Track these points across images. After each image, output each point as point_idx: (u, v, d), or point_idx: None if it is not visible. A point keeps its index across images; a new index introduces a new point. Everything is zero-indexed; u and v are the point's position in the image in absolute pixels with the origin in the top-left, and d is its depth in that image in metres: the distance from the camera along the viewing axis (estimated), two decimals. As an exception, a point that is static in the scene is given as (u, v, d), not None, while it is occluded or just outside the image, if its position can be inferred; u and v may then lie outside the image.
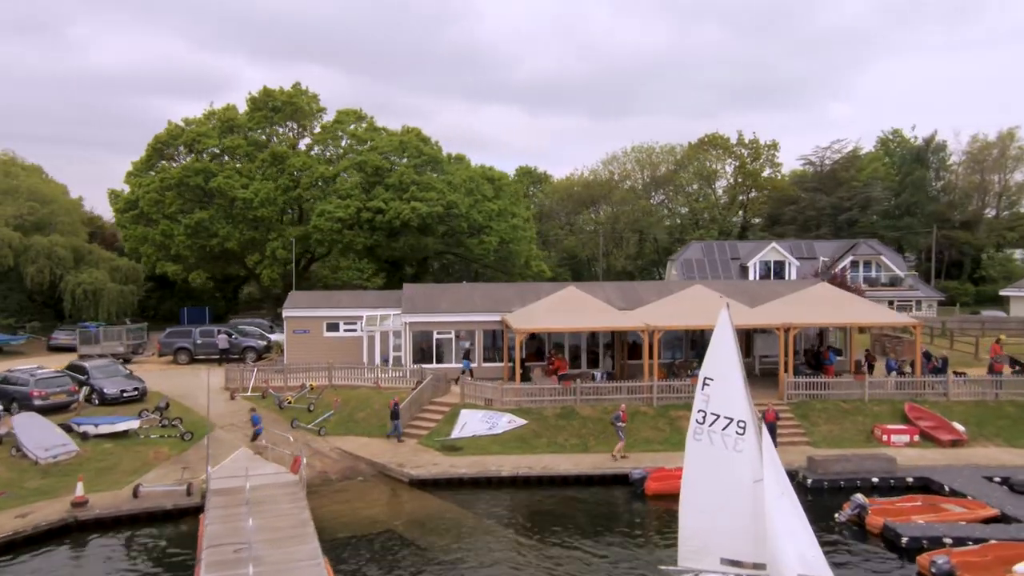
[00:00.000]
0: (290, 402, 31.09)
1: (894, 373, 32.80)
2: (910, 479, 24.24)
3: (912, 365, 32.79)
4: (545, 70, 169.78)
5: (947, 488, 23.08)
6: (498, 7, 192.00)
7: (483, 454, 26.54)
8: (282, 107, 49.21)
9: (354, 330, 36.42)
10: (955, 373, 32.16)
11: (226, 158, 48.55)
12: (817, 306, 31.82)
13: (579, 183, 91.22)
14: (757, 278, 65.03)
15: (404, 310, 34.82)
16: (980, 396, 30.68)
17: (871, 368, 33.85)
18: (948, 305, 68.82)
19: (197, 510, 20.78)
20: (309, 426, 28.99)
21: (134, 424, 26.36)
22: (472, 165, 56.84)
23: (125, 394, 30.11)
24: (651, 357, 30.57)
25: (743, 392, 13.96)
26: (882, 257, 65.64)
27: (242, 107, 51.55)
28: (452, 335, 34.99)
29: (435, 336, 34.90)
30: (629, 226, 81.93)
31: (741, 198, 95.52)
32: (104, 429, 25.70)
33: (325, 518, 20.94)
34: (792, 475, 24.26)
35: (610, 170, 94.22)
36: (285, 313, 37.04)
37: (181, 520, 21.19)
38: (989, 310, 65.15)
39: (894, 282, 65.36)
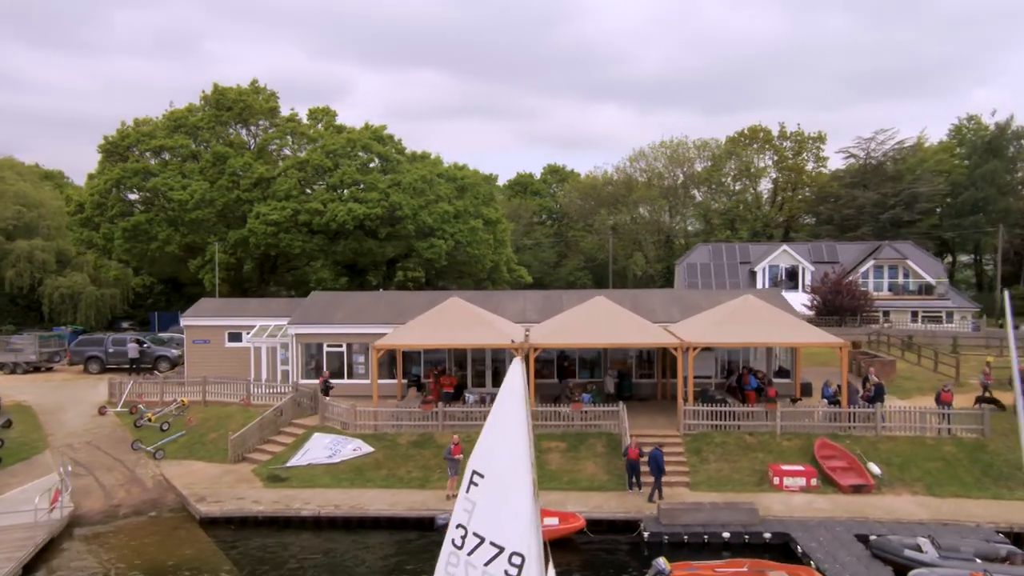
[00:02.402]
0: (151, 420, 29.39)
1: (824, 401, 28.23)
2: (768, 535, 20.25)
3: (876, 389, 28.03)
4: (656, 66, 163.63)
5: (800, 549, 19.07)
6: (609, 4, 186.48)
7: (308, 487, 23.95)
8: (232, 105, 47.94)
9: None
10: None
11: (168, 158, 47.61)
12: (733, 323, 27.63)
13: (601, 181, 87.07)
14: (766, 284, 59.82)
15: (292, 320, 32.61)
16: (919, 431, 25.98)
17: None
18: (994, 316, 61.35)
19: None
20: (149, 448, 27.12)
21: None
22: (443, 165, 54.26)
23: (-29, 409, 29.09)
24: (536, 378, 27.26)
25: (529, 502, 8.85)
26: (909, 262, 59.00)
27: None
28: (344, 348, 32.52)
29: (325, 349, 32.52)
30: (646, 227, 77.32)
31: (779, 196, 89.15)
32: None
33: (50, 566, 18.86)
34: (633, 526, 20.88)
35: (640, 168, 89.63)
36: (184, 322, 35.50)
37: None
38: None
39: (924, 290, 58.67)
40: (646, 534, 20.57)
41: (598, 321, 27.94)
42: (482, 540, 9.31)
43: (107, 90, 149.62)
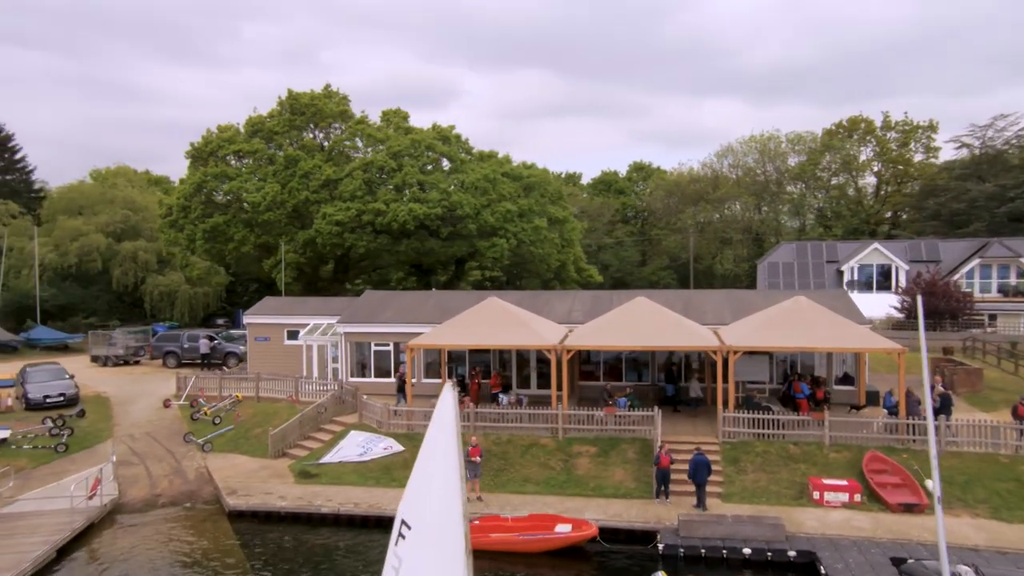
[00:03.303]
0: (206, 413, 30.67)
1: (885, 412, 26.14)
2: (792, 553, 18.83)
3: (942, 400, 25.73)
4: (773, 57, 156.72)
5: (823, 570, 17.63)
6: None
7: (335, 484, 24.28)
8: (304, 110, 49.58)
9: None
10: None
11: (247, 162, 49.75)
12: (778, 327, 26.02)
13: (687, 178, 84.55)
14: (855, 285, 56.29)
15: (341, 319, 33.27)
16: (991, 448, 23.61)
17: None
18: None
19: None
20: (199, 441, 28.29)
21: (1, 434, 26.91)
22: (512, 163, 54.03)
23: (48, 399, 31.16)
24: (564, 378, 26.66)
25: (460, 562, 7.26)
26: (1023, 260, 54.06)
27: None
28: (391, 347, 32.88)
29: (372, 348, 32.98)
30: (732, 225, 74.43)
31: (882, 191, 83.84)
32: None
33: (84, 552, 19.93)
34: (651, 537, 20.04)
35: (728, 163, 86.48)
36: (246, 319, 36.90)
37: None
38: None
39: (1041, 290, 53.63)
40: (661, 546, 19.61)
41: (638, 323, 26.97)
42: None
43: (240, 100, 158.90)
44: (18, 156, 77.18)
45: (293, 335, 36.04)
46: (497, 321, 28.11)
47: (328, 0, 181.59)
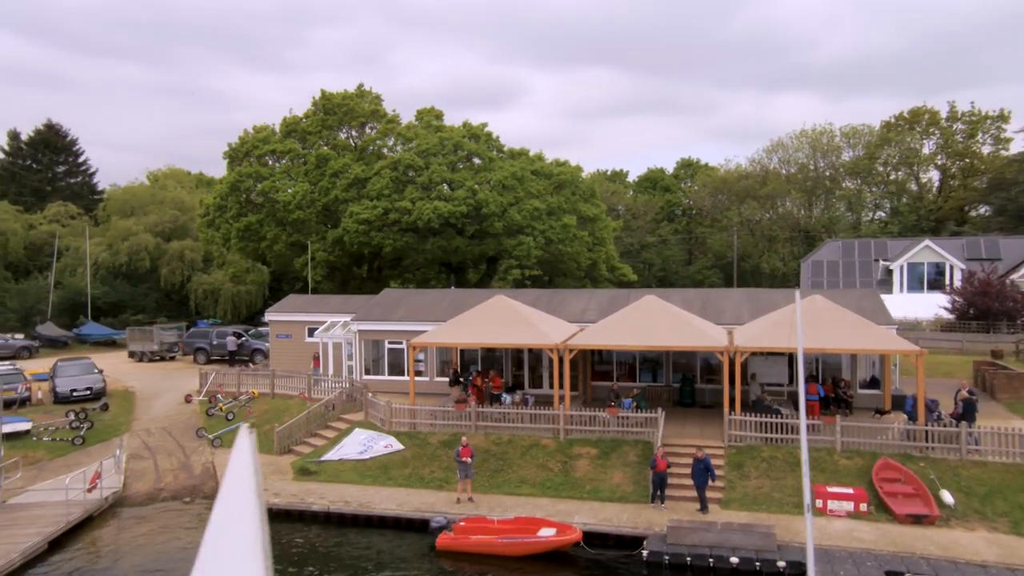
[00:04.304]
0: (221, 409, 31.19)
1: (904, 417, 24.69)
2: (782, 563, 17.90)
3: (965, 406, 24.25)
4: (849, 48, 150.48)
5: (809, 588, 16.62)
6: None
7: (332, 482, 24.32)
8: (335, 110, 50.09)
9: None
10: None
11: (282, 162, 50.58)
12: (788, 327, 24.82)
13: (734, 175, 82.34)
14: (904, 283, 53.77)
15: (356, 317, 33.40)
16: (1020, 458, 22.04)
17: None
18: None
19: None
20: (209, 436, 28.76)
21: (24, 426, 27.85)
22: (545, 161, 53.43)
23: (75, 393, 32.16)
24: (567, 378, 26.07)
25: None
26: (1090, 257, 50.70)
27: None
28: (404, 345, 32.79)
29: (386, 346, 33.00)
30: (780, 222, 72.10)
31: (948, 184, 79.95)
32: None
33: (76, 545, 20.39)
34: (639, 542, 19.39)
35: (778, 159, 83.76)
36: (268, 317, 37.42)
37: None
38: None
39: (1109, 289, 50.06)
40: (645, 553, 18.90)
41: (645, 322, 26.18)
42: None
43: (309, 104, 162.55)
44: (81, 159, 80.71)
45: (313, 332, 36.35)
46: (501, 320, 27.70)
47: (394, 3, 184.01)
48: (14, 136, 75.83)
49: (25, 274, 63.67)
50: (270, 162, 51.05)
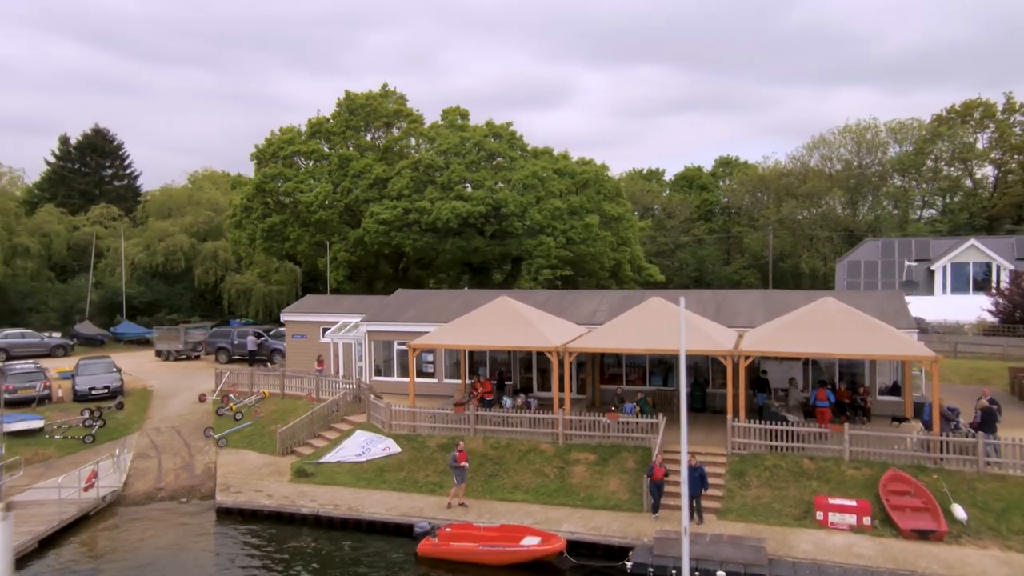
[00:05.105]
0: (231, 409, 31.41)
1: (920, 426, 23.43)
2: (770, 582, 17.01)
3: (984, 415, 22.93)
4: (910, 40, 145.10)
5: (793, 607, 15.79)
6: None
7: (327, 484, 24.16)
8: (358, 110, 50.19)
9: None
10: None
11: (306, 163, 50.94)
12: (796, 330, 23.81)
13: (774, 172, 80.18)
14: (948, 284, 51.51)
15: (366, 317, 33.29)
16: (1041, 470, 20.67)
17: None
18: None
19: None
20: (216, 436, 28.95)
21: (35, 423, 28.37)
22: (571, 159, 52.66)
23: (93, 391, 32.72)
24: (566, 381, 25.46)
25: None
26: None
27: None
28: (413, 347, 32.52)
29: (395, 347, 32.80)
30: (820, 221, 69.87)
31: (1005, 181, 76.40)
32: (5, 428, 27.67)
33: (66, 545, 20.62)
34: (625, 552, 18.74)
35: (821, 155, 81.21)
36: (284, 317, 37.60)
37: None
38: None
39: None
40: (629, 564, 18.22)
41: (648, 325, 25.38)
42: None
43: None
44: (126, 162, 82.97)
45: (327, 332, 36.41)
46: (502, 321, 27.22)
47: (445, 4, 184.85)
48: (64, 141, 78.35)
49: (71, 274, 65.69)
50: (297, 162, 51.49)
